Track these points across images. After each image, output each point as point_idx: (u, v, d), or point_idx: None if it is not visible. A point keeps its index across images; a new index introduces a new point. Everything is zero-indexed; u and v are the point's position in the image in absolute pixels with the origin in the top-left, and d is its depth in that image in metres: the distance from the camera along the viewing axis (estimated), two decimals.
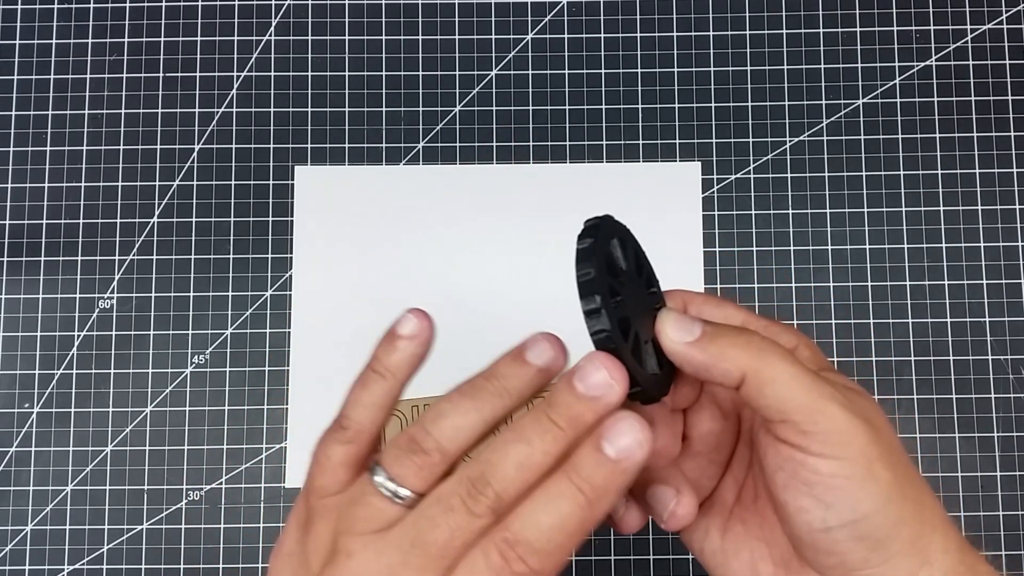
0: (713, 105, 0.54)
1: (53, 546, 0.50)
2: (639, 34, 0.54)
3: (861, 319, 0.52)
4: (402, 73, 0.54)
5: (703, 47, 0.54)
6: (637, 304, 0.25)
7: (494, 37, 0.54)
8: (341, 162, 0.53)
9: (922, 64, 0.54)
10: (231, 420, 0.51)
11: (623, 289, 0.24)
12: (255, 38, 0.55)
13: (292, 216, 0.53)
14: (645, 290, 0.26)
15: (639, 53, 0.54)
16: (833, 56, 0.54)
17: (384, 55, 0.54)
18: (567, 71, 0.54)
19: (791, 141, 0.53)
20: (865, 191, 0.53)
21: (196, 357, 0.52)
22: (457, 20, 0.55)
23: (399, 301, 0.31)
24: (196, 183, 0.53)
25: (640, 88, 0.54)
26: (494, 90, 0.54)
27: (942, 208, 0.53)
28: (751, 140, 0.53)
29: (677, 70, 0.54)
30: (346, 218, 0.53)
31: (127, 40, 0.55)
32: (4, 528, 0.50)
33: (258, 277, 0.52)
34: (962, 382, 0.51)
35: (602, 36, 0.54)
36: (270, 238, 0.53)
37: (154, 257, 0.53)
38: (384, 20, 0.55)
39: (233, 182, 0.53)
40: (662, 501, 0.26)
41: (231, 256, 0.53)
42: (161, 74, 0.54)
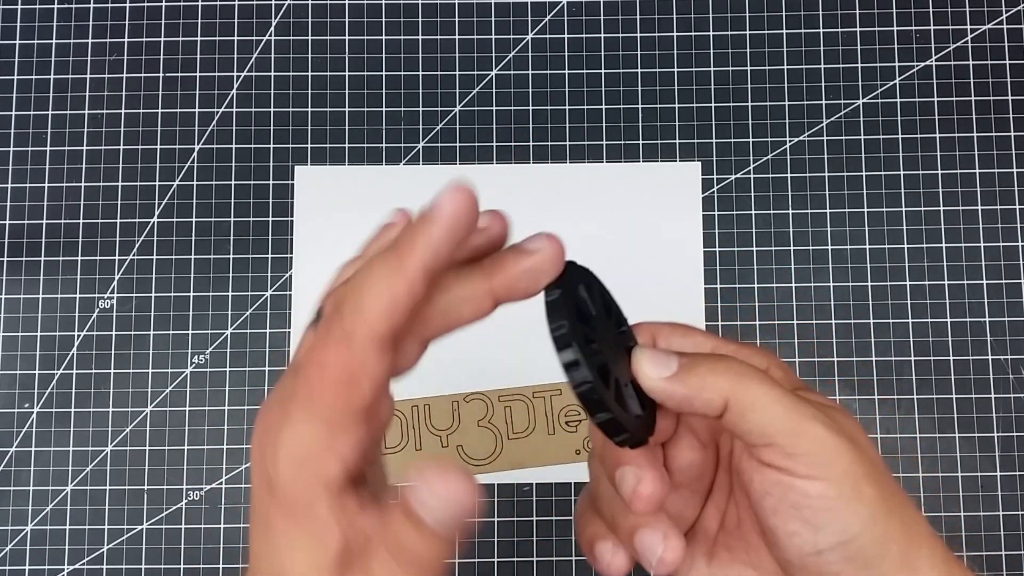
0: (713, 105, 0.54)
1: (53, 546, 0.50)
2: (639, 34, 0.54)
3: (861, 319, 0.52)
4: (402, 73, 0.54)
5: (703, 47, 0.54)
6: (611, 347, 0.25)
7: (494, 37, 0.54)
8: (341, 162, 0.53)
9: (922, 64, 0.54)
10: (231, 420, 0.51)
11: (596, 335, 0.24)
12: (255, 38, 0.55)
13: (292, 216, 0.53)
14: (615, 330, 0.26)
15: (639, 53, 0.54)
16: (833, 56, 0.54)
17: (384, 55, 0.54)
18: (567, 71, 0.54)
19: (791, 141, 0.53)
20: (865, 191, 0.53)
21: (196, 357, 0.52)
22: (457, 20, 0.55)
23: None
24: (196, 183, 0.53)
25: (640, 88, 0.54)
26: (494, 90, 0.54)
27: (942, 208, 0.53)
28: (751, 140, 0.53)
29: (677, 70, 0.54)
30: (346, 218, 0.53)
31: (127, 40, 0.55)
32: (4, 528, 0.50)
33: (258, 277, 0.52)
34: (962, 382, 0.51)
35: (602, 36, 0.54)
36: (270, 238, 0.53)
37: (154, 257, 0.53)
38: (384, 20, 0.55)
39: (233, 182, 0.53)
40: (650, 548, 0.25)
41: (231, 256, 0.53)
42: (161, 74, 0.54)
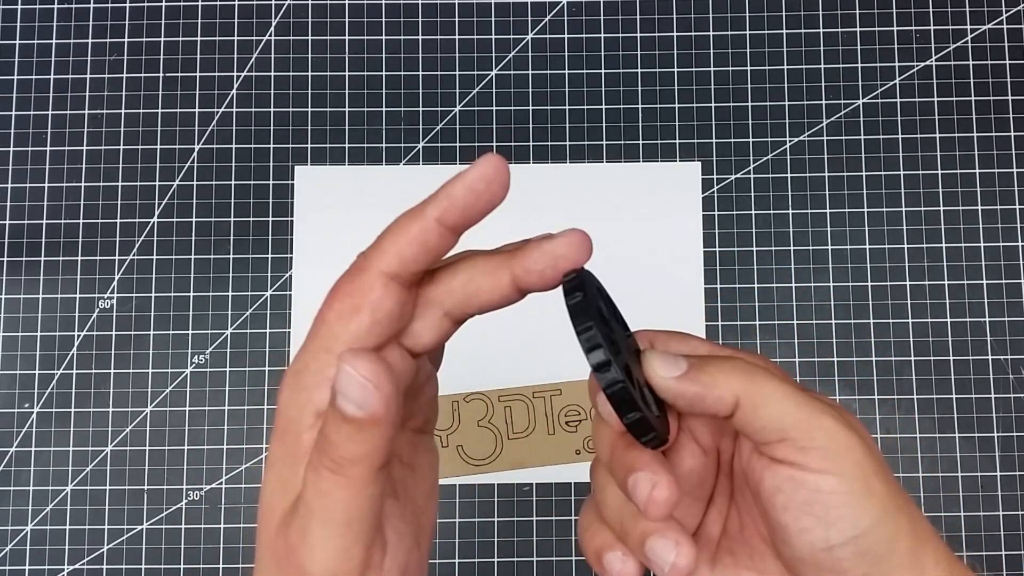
0: (713, 105, 0.54)
1: (53, 546, 0.50)
2: (639, 34, 0.54)
3: (861, 319, 0.52)
4: (402, 73, 0.54)
5: (703, 47, 0.54)
6: (626, 350, 0.25)
7: (494, 37, 0.54)
8: (341, 162, 0.53)
9: (922, 64, 0.54)
10: (231, 420, 0.51)
11: (614, 336, 0.24)
12: (255, 38, 0.55)
13: (292, 216, 0.53)
14: (624, 334, 0.27)
15: (639, 53, 0.54)
16: (833, 56, 0.54)
17: (384, 55, 0.54)
18: (567, 71, 0.54)
19: (791, 141, 0.53)
20: (865, 191, 0.53)
21: (196, 357, 0.52)
22: (457, 20, 0.55)
23: None
24: (196, 183, 0.53)
25: (640, 88, 0.54)
26: (494, 90, 0.54)
27: (942, 208, 0.53)
28: (751, 140, 0.53)
29: (677, 70, 0.54)
30: (346, 218, 0.53)
31: (127, 40, 0.55)
32: (4, 528, 0.50)
33: (258, 277, 0.52)
34: (962, 382, 0.51)
35: (602, 36, 0.54)
36: (270, 238, 0.53)
37: (154, 257, 0.53)
38: (384, 20, 0.55)
39: (233, 182, 0.53)
40: (662, 555, 0.25)
41: (231, 256, 0.53)
42: (161, 74, 0.54)
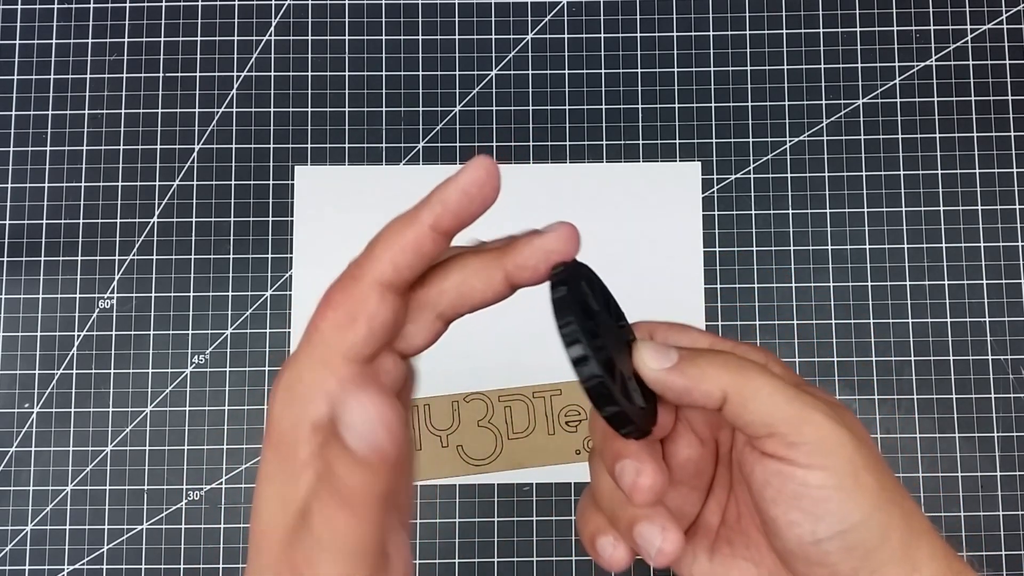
0: (713, 105, 0.54)
1: (53, 546, 0.50)
2: (639, 34, 0.54)
3: (861, 319, 0.52)
4: (402, 73, 0.54)
5: (703, 47, 0.54)
6: (613, 341, 0.25)
7: (494, 37, 0.54)
8: (341, 162, 0.53)
9: (922, 64, 0.54)
10: (231, 420, 0.51)
11: (600, 329, 0.24)
12: (255, 38, 0.55)
13: (292, 216, 0.53)
14: (616, 325, 0.27)
15: (639, 53, 0.54)
16: (833, 56, 0.54)
17: (384, 55, 0.54)
18: (567, 71, 0.54)
19: (791, 141, 0.53)
20: (865, 191, 0.53)
21: (196, 357, 0.52)
22: (457, 20, 0.55)
23: None
24: (196, 183, 0.53)
25: (640, 88, 0.54)
26: (494, 90, 0.54)
27: (942, 208, 0.53)
28: (751, 140, 0.53)
29: (677, 70, 0.54)
30: (346, 218, 0.53)
31: (127, 40, 0.55)
32: (4, 528, 0.50)
33: (258, 277, 0.52)
34: (962, 382, 0.51)
35: (602, 36, 0.54)
36: (270, 238, 0.53)
37: (154, 257, 0.53)
38: (384, 20, 0.55)
39: (233, 182, 0.53)
40: (649, 540, 0.26)
41: (231, 256, 0.53)
42: (161, 74, 0.54)
